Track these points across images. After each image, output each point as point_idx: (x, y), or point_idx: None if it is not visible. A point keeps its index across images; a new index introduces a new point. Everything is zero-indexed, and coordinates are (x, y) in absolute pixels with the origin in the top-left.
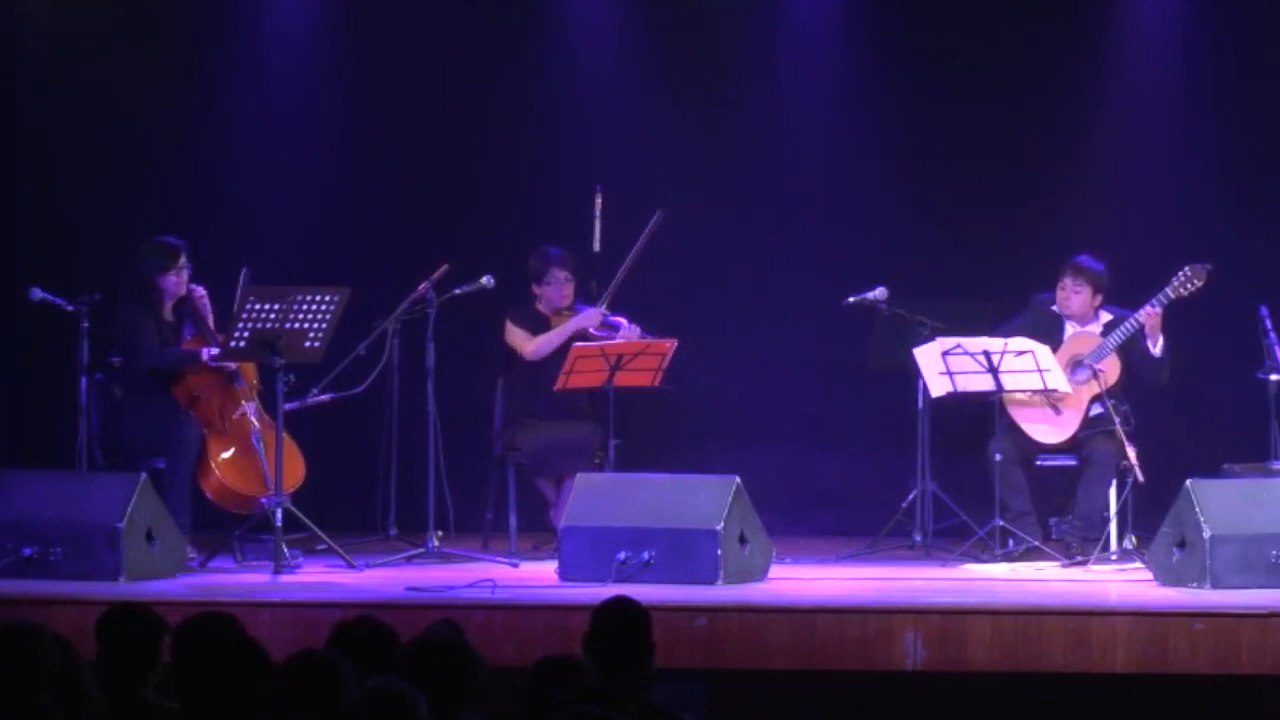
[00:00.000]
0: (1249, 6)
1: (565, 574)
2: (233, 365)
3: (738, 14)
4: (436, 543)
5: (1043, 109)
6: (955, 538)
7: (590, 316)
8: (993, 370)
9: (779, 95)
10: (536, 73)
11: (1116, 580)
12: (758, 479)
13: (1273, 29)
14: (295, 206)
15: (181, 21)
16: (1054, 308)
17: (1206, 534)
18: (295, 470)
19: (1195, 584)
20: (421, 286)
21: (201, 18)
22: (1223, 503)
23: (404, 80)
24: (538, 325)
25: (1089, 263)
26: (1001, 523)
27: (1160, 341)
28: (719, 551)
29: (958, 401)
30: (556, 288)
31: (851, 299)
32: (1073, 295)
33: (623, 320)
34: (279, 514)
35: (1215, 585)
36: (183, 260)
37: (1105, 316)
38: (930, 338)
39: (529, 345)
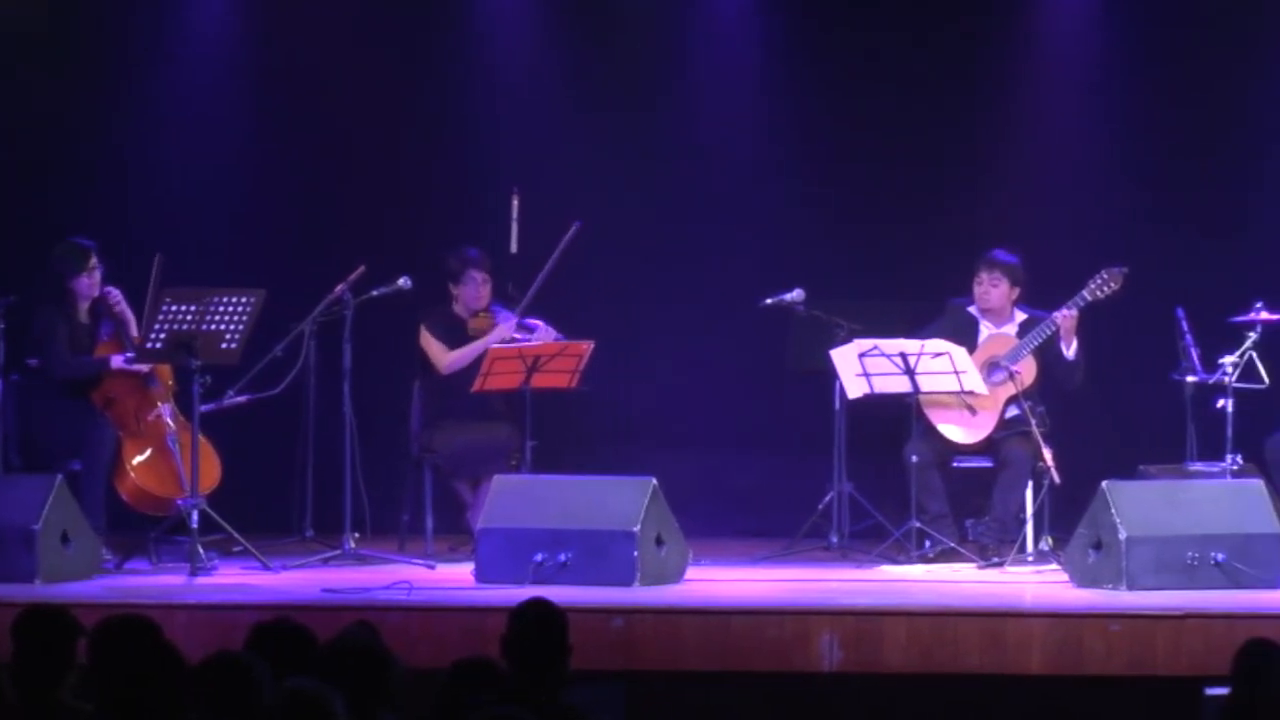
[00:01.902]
0: (1166, 7)
1: (482, 576)
2: (148, 367)
3: (654, 16)
4: (353, 544)
5: (961, 110)
6: (872, 539)
7: (503, 331)
8: (909, 372)
9: (695, 97)
10: (454, 74)
11: (1032, 582)
12: (675, 480)
13: (1189, 31)
14: (212, 208)
15: (95, 21)
16: (970, 309)
17: (1122, 535)
18: (211, 472)
19: (1111, 585)
20: (338, 288)
21: (116, 18)
22: (1138, 504)
23: (321, 81)
24: (453, 328)
25: (1004, 256)
26: (918, 524)
27: (1075, 344)
28: (635, 553)
29: (874, 403)
30: (473, 289)
31: (769, 300)
32: (990, 289)
33: (539, 322)
34: (195, 516)
35: (1131, 587)
36: (94, 261)
37: (1020, 316)
38: (847, 339)
39: (444, 359)
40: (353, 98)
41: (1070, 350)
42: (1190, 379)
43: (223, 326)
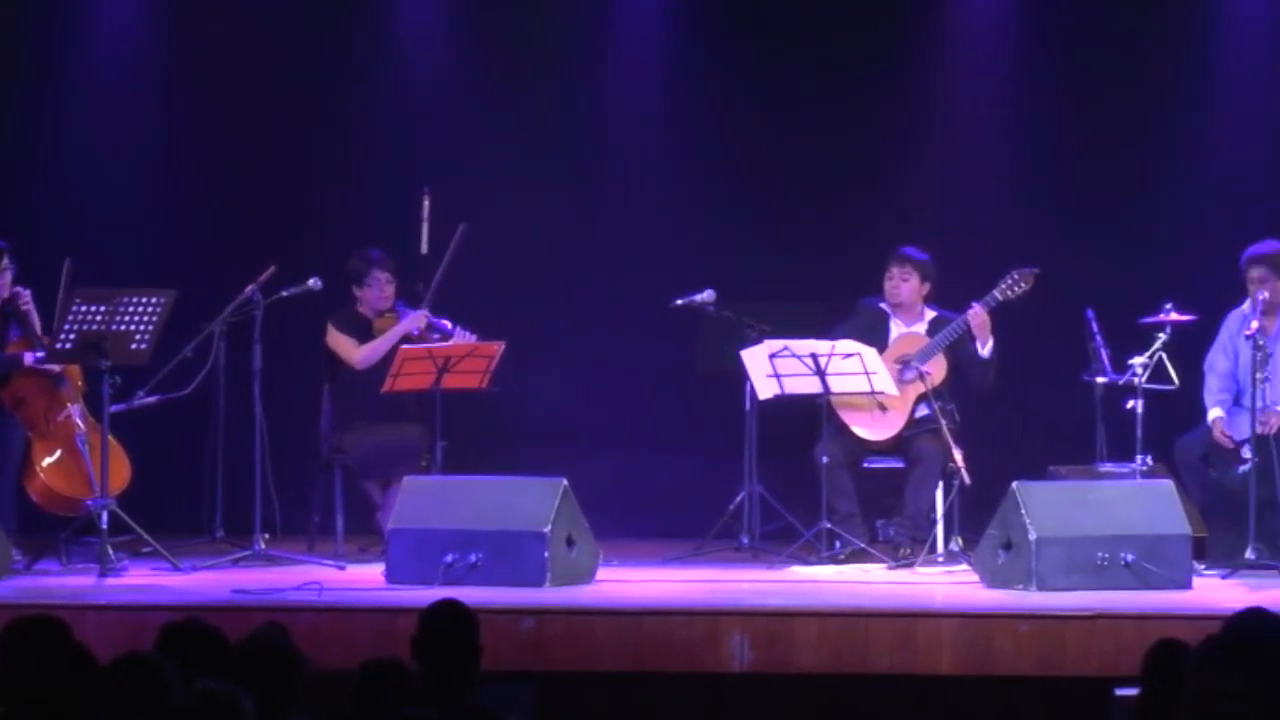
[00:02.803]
0: (1079, 9)
1: (392, 576)
2: (58, 367)
3: (565, 15)
4: (263, 545)
5: (872, 111)
6: (782, 540)
7: (415, 319)
8: (820, 373)
9: (607, 97)
10: (365, 74)
11: (943, 582)
12: (585, 481)
13: (1103, 33)
14: (122, 208)
15: (4, 22)
16: (881, 305)
17: (1032, 536)
18: (121, 473)
19: (1021, 586)
20: (248, 288)
21: (26, 14)
22: (1048, 505)
23: (231, 80)
24: (360, 328)
25: (914, 252)
26: (828, 525)
27: (990, 343)
28: (546, 554)
29: (785, 404)
30: (377, 289)
31: (679, 301)
32: (900, 283)
33: (448, 323)
34: (104, 516)
35: (1041, 587)
36: (5, 262)
37: (930, 314)
38: (758, 340)
39: (355, 353)
40: (264, 98)
41: (985, 349)
42: (1100, 380)
43: (133, 327)
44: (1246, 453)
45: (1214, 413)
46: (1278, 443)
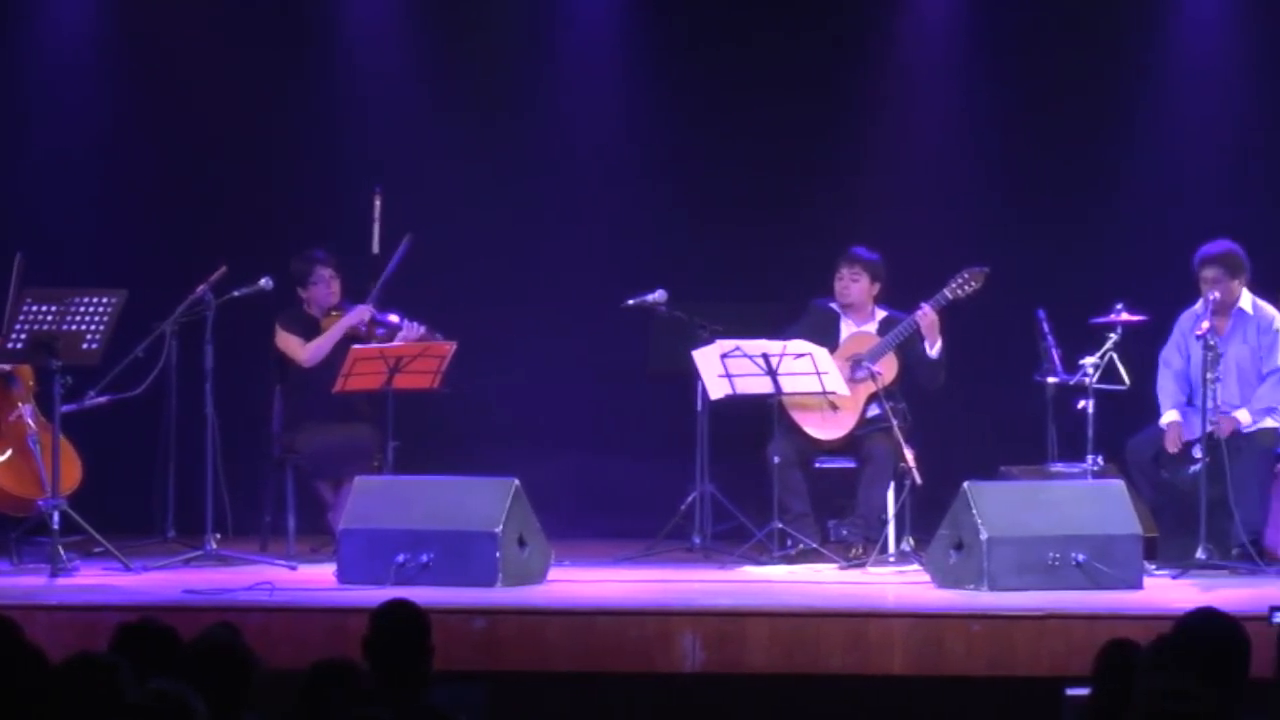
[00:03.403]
0: (1029, 11)
1: (344, 576)
2: (8, 367)
3: (518, 17)
4: (214, 545)
5: (824, 113)
6: (734, 540)
7: (359, 313)
8: (771, 373)
9: (559, 98)
10: (318, 74)
11: (894, 582)
12: (537, 481)
13: (1052, 34)
14: (73, 208)
15: None
16: (832, 305)
17: (983, 536)
18: (72, 473)
19: (972, 586)
20: (200, 288)
21: None
22: (1000, 505)
23: (184, 81)
24: (308, 327)
25: (864, 252)
26: (780, 524)
27: (939, 344)
28: (498, 554)
29: (736, 404)
30: (323, 287)
31: (631, 301)
32: (851, 284)
33: (394, 317)
34: (56, 517)
35: (992, 587)
36: None
37: (881, 314)
38: (709, 340)
39: (303, 351)
40: (216, 97)
41: (934, 350)
42: (1051, 380)
43: (84, 327)
44: (1197, 453)
45: (1170, 415)
46: (1229, 443)
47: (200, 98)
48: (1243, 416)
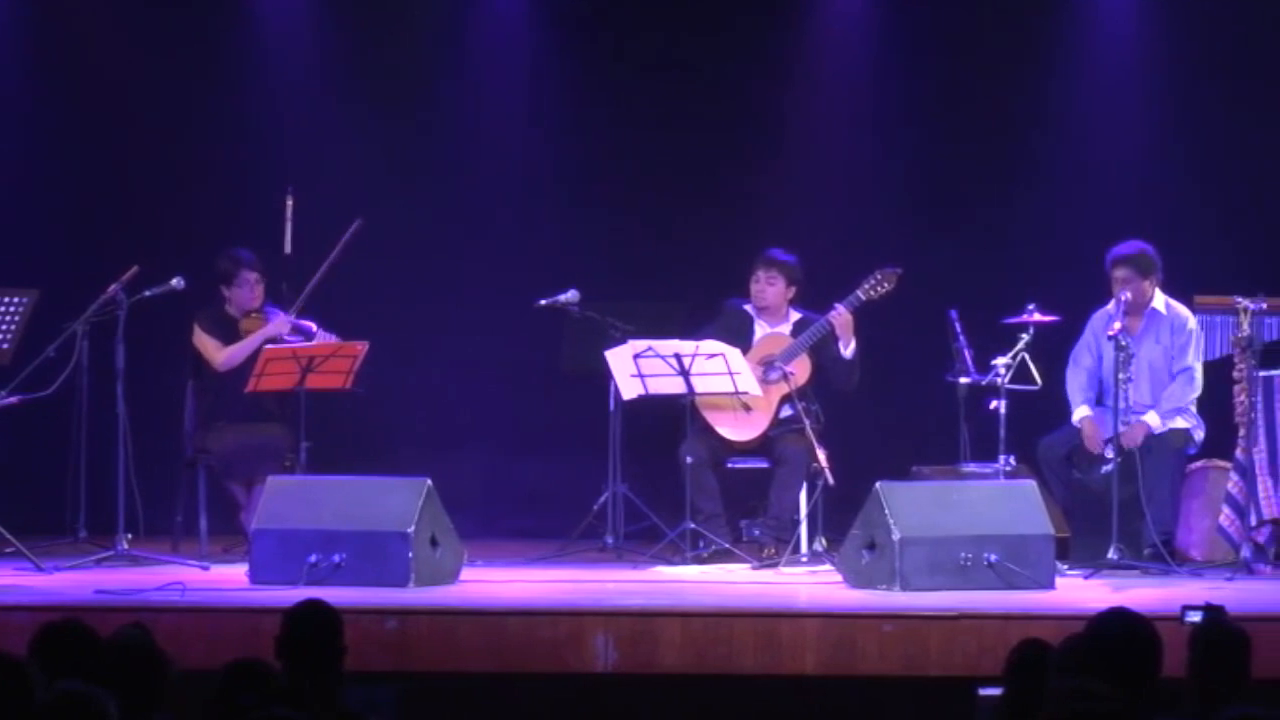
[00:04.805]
0: (940, 9)
1: (256, 577)
2: None
3: (429, 14)
4: (126, 545)
5: (736, 113)
6: (647, 540)
7: (278, 324)
8: (684, 373)
9: (471, 98)
10: (230, 73)
11: (807, 582)
12: (450, 481)
13: (964, 34)
14: None
15: None
16: (746, 306)
17: (896, 536)
18: None
19: (884, 586)
20: (111, 288)
21: None
22: (912, 505)
23: (96, 78)
24: (227, 328)
25: (781, 255)
26: (693, 525)
27: (852, 344)
28: (410, 554)
29: (649, 404)
30: (246, 289)
31: (543, 301)
32: (767, 287)
33: (313, 325)
34: None
35: (904, 587)
36: None
37: (795, 316)
38: (622, 340)
39: (219, 355)
40: (128, 97)
41: (848, 350)
42: (963, 380)
43: None
44: (1109, 453)
45: (1081, 411)
46: (1140, 443)
47: (112, 98)
48: (1152, 420)
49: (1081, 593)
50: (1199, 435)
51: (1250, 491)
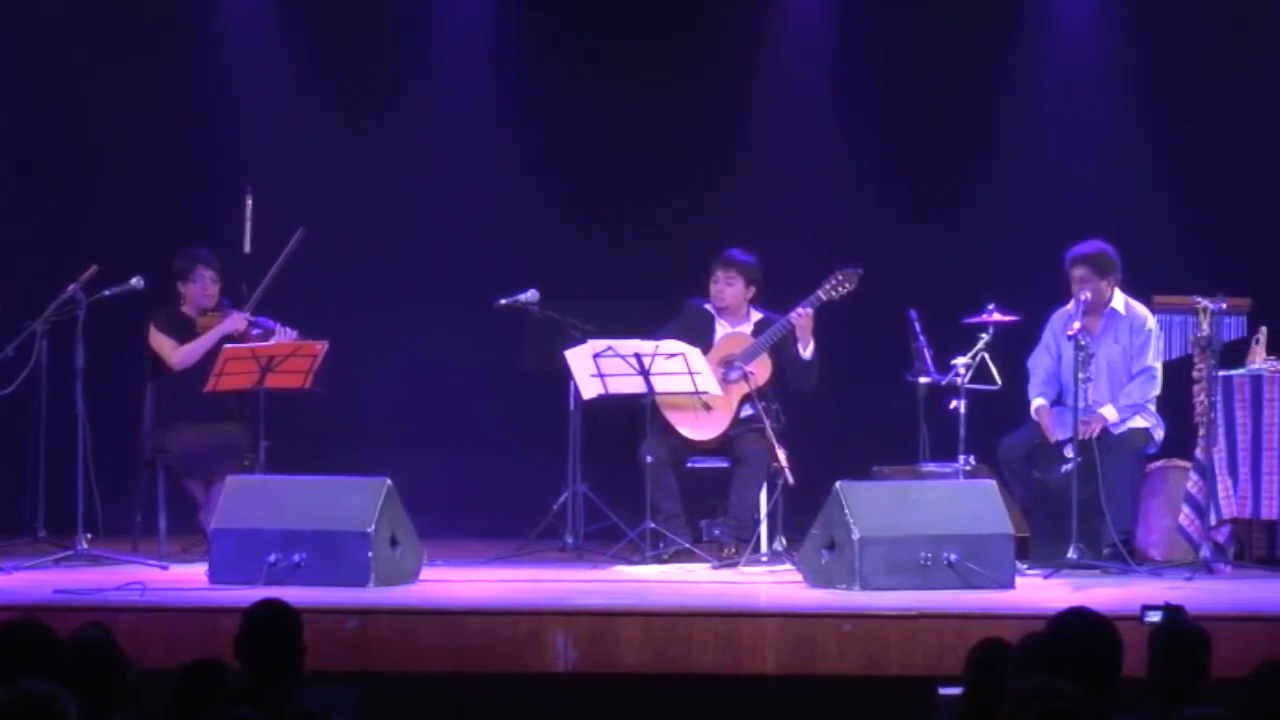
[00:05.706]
0: (898, 10)
1: (215, 576)
2: None
3: (390, 16)
4: (85, 545)
5: (697, 111)
6: (606, 539)
7: (235, 321)
8: (644, 373)
9: (431, 97)
10: (190, 73)
11: (767, 582)
12: (410, 481)
13: (923, 32)
14: None
15: None
16: (707, 306)
17: (855, 536)
18: None
19: (844, 585)
20: (70, 287)
21: None
22: (872, 505)
23: (55, 76)
24: (183, 328)
25: (740, 255)
26: (652, 524)
27: (811, 345)
28: (370, 553)
29: (609, 403)
30: (201, 287)
31: (503, 301)
32: (725, 288)
33: (273, 323)
34: None
35: (864, 587)
36: None
37: (756, 316)
38: (582, 340)
39: (175, 355)
40: (87, 97)
41: (807, 351)
42: (923, 380)
43: None
44: (1069, 452)
45: (1037, 402)
46: (1100, 443)
47: (71, 97)
48: (1109, 413)
49: (1041, 592)
50: (1159, 435)
51: (1210, 491)
